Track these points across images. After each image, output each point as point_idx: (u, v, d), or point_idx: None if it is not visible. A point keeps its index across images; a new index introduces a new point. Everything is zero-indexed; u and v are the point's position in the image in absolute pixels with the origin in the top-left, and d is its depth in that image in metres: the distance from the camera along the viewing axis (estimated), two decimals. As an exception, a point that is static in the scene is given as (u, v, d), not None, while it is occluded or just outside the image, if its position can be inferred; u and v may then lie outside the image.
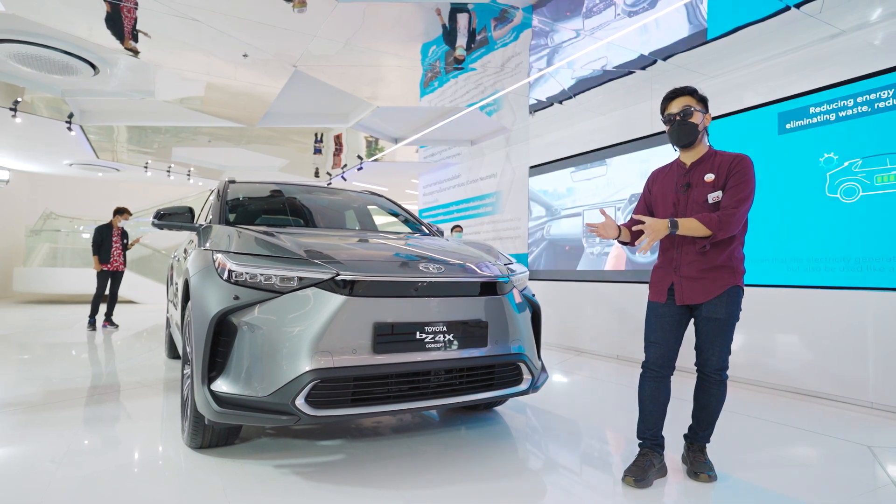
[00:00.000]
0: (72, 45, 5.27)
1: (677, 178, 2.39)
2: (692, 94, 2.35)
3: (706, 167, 2.32)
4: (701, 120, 2.33)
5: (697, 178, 2.32)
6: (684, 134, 2.33)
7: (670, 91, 2.41)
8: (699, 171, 2.33)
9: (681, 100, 2.35)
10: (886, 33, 3.76)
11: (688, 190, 2.33)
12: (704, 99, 2.38)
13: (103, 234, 7.14)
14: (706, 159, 2.34)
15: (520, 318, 2.68)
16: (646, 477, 2.24)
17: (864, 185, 3.83)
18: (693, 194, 2.31)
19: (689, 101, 2.34)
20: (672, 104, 2.37)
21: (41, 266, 13.13)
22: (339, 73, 5.55)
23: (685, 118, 2.31)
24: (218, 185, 3.64)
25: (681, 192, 2.35)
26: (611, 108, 5.91)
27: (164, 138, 9.36)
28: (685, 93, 2.36)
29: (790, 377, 4.14)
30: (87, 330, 7.15)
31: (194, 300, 2.35)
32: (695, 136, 2.32)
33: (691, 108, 2.31)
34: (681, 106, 2.33)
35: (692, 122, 2.31)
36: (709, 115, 2.37)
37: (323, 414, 2.15)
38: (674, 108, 2.35)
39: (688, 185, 2.33)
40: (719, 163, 2.29)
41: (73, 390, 3.73)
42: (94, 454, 2.54)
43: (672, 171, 2.44)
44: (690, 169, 2.36)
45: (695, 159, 2.36)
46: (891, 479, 2.42)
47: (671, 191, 2.39)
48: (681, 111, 2.32)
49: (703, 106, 2.36)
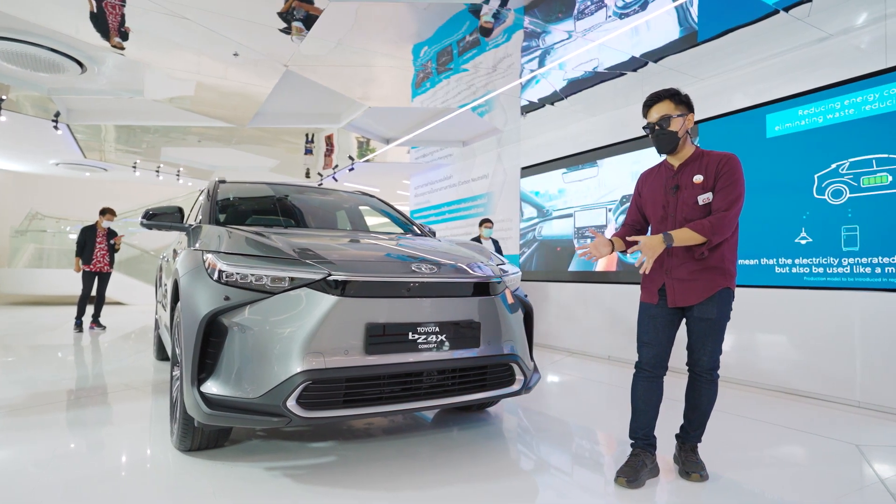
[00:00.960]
0: (58, 43, 5.20)
1: (666, 180, 2.39)
2: (671, 99, 2.32)
3: (694, 168, 2.31)
4: (682, 125, 2.30)
5: (686, 180, 2.32)
6: (664, 143, 2.32)
7: (649, 97, 2.36)
8: (687, 173, 2.32)
9: (659, 107, 2.32)
10: (872, 37, 3.81)
11: (677, 192, 2.33)
12: (686, 101, 2.34)
13: (87, 235, 7.05)
14: (694, 160, 2.33)
15: (512, 318, 2.68)
16: (638, 477, 2.24)
17: (851, 187, 3.88)
18: (682, 196, 2.31)
19: (668, 107, 2.30)
20: (651, 112, 2.34)
21: (26, 267, 12.94)
22: (330, 73, 5.53)
23: (664, 127, 2.30)
24: (208, 185, 3.61)
25: (670, 195, 2.35)
26: (602, 110, 5.94)
27: (153, 138, 9.26)
28: (664, 97, 2.32)
29: (778, 377, 4.18)
30: (74, 332, 7.05)
31: (184, 301, 2.33)
32: (675, 143, 2.31)
33: (669, 116, 2.28)
34: (659, 114, 2.31)
35: (671, 131, 2.29)
36: (691, 117, 2.34)
37: (314, 415, 2.13)
38: (653, 117, 2.33)
39: (676, 187, 2.33)
40: (707, 163, 2.29)
41: (59, 393, 3.68)
42: (81, 458, 2.49)
43: (660, 173, 2.44)
44: (678, 171, 2.35)
45: (682, 161, 2.36)
46: (878, 477, 2.45)
47: (660, 193, 2.39)
48: (658, 120, 2.30)
49: (685, 108, 2.32)
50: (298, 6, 4.03)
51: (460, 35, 4.74)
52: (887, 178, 3.70)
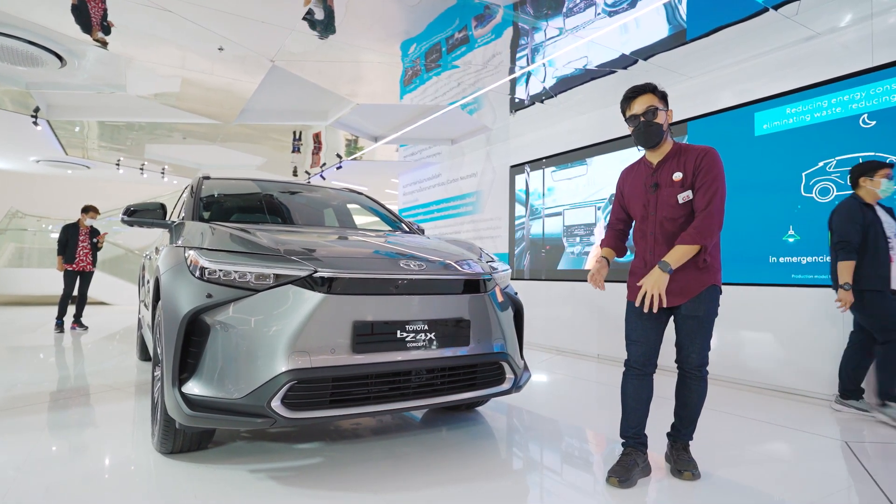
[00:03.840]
0: (36, 35, 5.06)
1: (645, 178, 2.36)
2: (653, 92, 2.29)
3: (673, 165, 2.28)
4: (665, 118, 2.29)
5: (665, 178, 2.29)
6: (651, 136, 2.29)
7: (630, 90, 2.33)
8: (666, 171, 2.29)
9: (643, 99, 2.28)
10: (859, 35, 3.84)
11: (657, 190, 2.30)
12: (664, 96, 2.32)
13: (69, 234, 6.91)
14: (672, 157, 2.30)
15: (502, 316, 2.65)
16: (630, 477, 2.22)
17: (839, 186, 3.90)
18: (662, 195, 2.28)
19: (652, 99, 2.27)
20: (634, 104, 2.30)
21: (7, 267, 12.68)
22: (317, 69, 5.46)
23: (650, 119, 2.26)
24: (192, 181, 3.53)
25: (650, 193, 2.32)
26: (592, 108, 5.93)
27: (137, 135, 9.09)
28: (646, 90, 2.29)
29: (766, 374, 4.20)
30: (55, 332, 6.90)
31: (165, 299, 2.26)
32: (660, 136, 2.29)
33: (655, 107, 2.25)
34: (644, 106, 2.27)
35: (657, 123, 2.27)
36: (671, 112, 2.33)
37: (300, 416, 2.08)
38: (637, 109, 2.29)
39: (656, 185, 2.31)
40: (685, 160, 2.26)
41: (39, 394, 3.58)
42: (60, 461, 2.41)
43: (640, 171, 2.41)
44: (657, 168, 2.33)
45: (661, 158, 2.33)
46: (867, 472, 2.45)
47: (641, 191, 2.37)
48: (645, 112, 2.26)
49: (665, 103, 2.31)
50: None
51: (449, 32, 4.71)
52: (874, 176, 3.72)
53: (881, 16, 3.70)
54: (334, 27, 4.43)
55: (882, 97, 3.72)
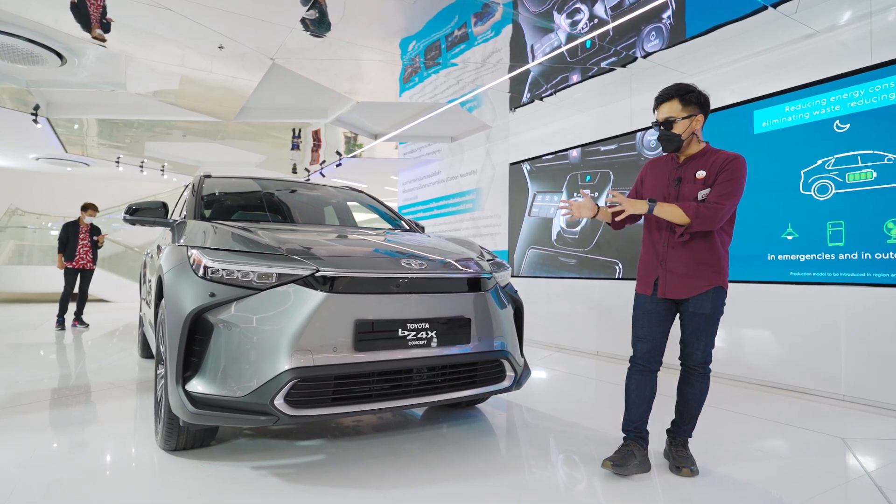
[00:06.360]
0: (36, 33, 5.05)
1: (670, 172, 2.40)
2: (680, 99, 2.30)
3: (699, 164, 2.32)
4: (687, 126, 2.31)
5: (689, 174, 2.33)
6: (666, 143, 2.35)
7: (661, 92, 2.36)
8: (692, 167, 2.34)
9: (666, 107, 2.32)
10: (858, 34, 3.84)
11: (679, 185, 2.34)
12: (697, 100, 2.31)
13: (69, 231, 6.91)
14: (700, 156, 2.35)
15: (503, 314, 2.66)
16: (625, 464, 2.25)
17: (837, 183, 3.91)
18: (683, 190, 2.32)
19: (675, 108, 2.30)
20: (660, 109, 2.35)
21: (7, 264, 12.68)
22: (317, 67, 5.46)
23: (667, 129, 2.31)
24: (193, 180, 3.54)
25: (672, 186, 2.36)
26: (591, 106, 5.94)
27: (136, 132, 9.08)
28: (674, 96, 2.31)
29: (765, 371, 4.22)
30: (56, 330, 6.91)
31: (168, 298, 2.28)
32: (677, 145, 2.33)
33: (674, 119, 2.29)
34: (664, 115, 2.32)
35: (674, 133, 2.31)
36: (700, 118, 2.33)
37: (302, 414, 2.10)
38: (660, 115, 2.35)
39: (679, 179, 2.35)
40: (713, 161, 2.30)
41: (41, 392, 3.60)
42: (63, 458, 2.43)
43: (666, 164, 2.45)
44: (684, 164, 2.37)
45: (688, 155, 2.38)
46: (864, 469, 2.48)
47: (663, 183, 2.40)
48: (663, 121, 2.32)
49: (694, 108, 2.30)
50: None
51: (448, 30, 4.71)
52: (872, 174, 3.73)
53: (880, 14, 3.70)
54: (329, 24, 4.42)
55: (881, 95, 3.73)
